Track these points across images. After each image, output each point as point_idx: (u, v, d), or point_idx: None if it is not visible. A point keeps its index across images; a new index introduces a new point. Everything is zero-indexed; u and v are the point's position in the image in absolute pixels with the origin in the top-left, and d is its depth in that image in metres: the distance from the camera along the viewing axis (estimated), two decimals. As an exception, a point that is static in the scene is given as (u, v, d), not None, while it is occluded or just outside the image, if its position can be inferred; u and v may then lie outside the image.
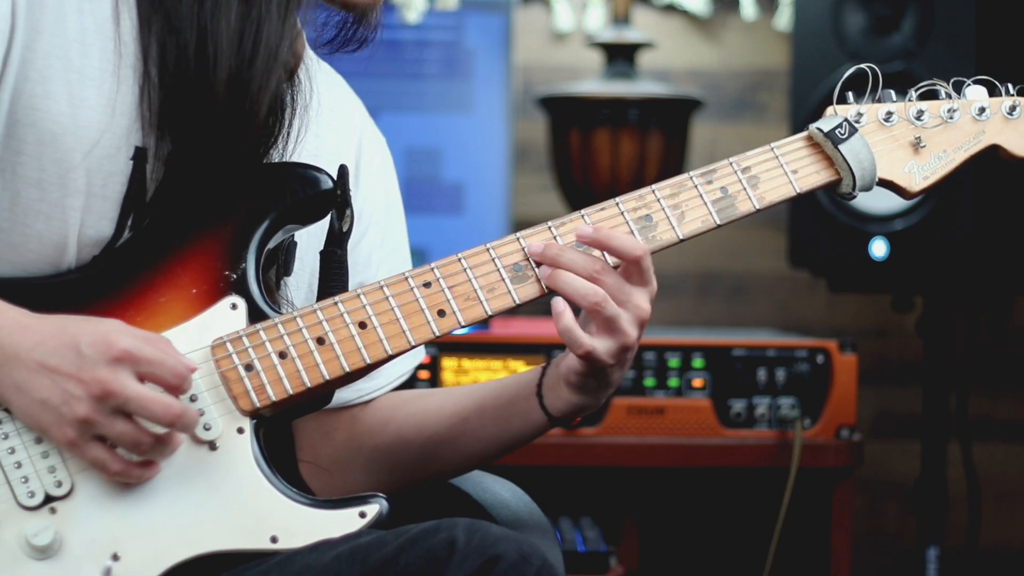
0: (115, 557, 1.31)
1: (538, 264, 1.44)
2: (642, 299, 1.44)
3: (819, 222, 2.67)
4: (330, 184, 1.43)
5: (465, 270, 1.44)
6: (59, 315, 1.30)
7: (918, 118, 1.54)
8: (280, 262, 1.48)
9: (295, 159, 1.45)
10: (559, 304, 1.42)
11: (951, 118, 1.55)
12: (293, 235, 1.49)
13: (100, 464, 1.30)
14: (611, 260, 1.45)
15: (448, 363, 2.45)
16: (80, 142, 1.36)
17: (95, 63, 1.37)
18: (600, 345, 1.42)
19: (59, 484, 1.32)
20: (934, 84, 1.55)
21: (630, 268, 1.44)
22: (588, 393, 1.49)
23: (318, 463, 1.65)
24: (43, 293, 1.36)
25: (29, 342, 1.27)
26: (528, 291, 1.45)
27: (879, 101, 1.54)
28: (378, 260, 1.64)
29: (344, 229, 1.48)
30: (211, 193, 1.40)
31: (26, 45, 1.35)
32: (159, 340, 1.31)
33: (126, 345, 1.27)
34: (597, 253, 1.45)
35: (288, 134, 1.44)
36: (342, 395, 1.62)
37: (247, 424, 1.36)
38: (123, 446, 1.29)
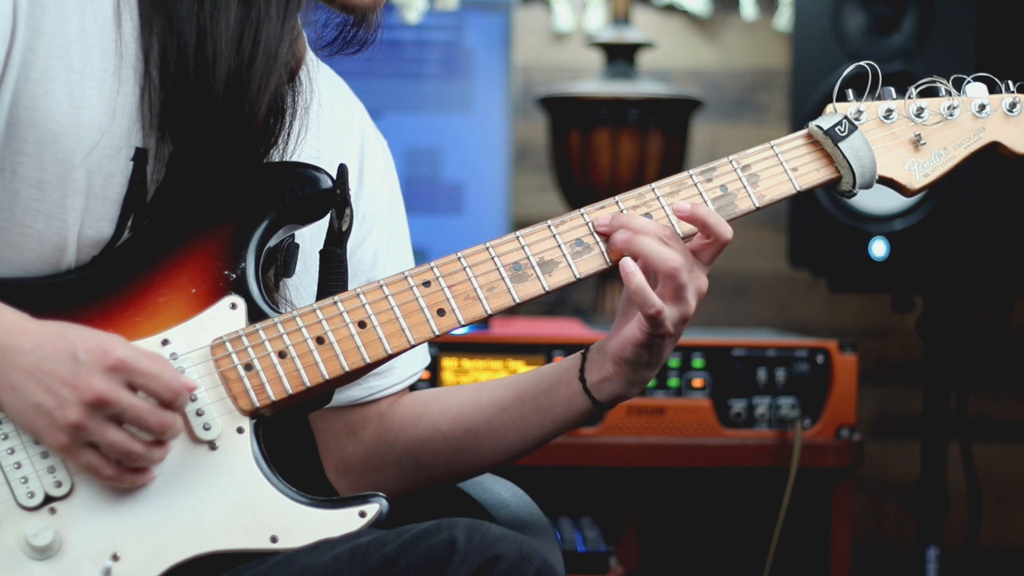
0: (115, 557, 1.31)
1: (604, 236, 1.46)
2: (703, 274, 1.47)
3: (819, 222, 2.66)
4: (329, 183, 1.43)
5: (465, 269, 1.43)
6: (61, 322, 1.30)
7: (918, 115, 1.54)
8: (279, 263, 1.48)
9: (296, 160, 1.45)
10: (630, 264, 1.44)
11: (951, 115, 1.54)
12: (294, 236, 1.49)
13: (93, 469, 1.29)
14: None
15: (448, 363, 2.45)
16: (81, 143, 1.36)
17: (96, 64, 1.37)
18: (667, 310, 1.44)
19: (59, 484, 1.32)
20: (934, 81, 1.55)
21: (709, 247, 1.46)
22: (637, 369, 1.49)
23: (345, 463, 1.65)
24: (42, 294, 1.36)
25: (28, 345, 1.27)
26: (528, 290, 1.44)
27: (879, 99, 1.54)
28: (385, 259, 1.64)
29: (343, 228, 1.47)
30: (211, 193, 1.39)
31: (27, 46, 1.35)
32: (158, 357, 1.31)
33: (122, 354, 1.27)
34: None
35: (288, 135, 1.44)
36: (352, 392, 1.62)
37: (247, 424, 1.36)
38: (113, 454, 1.29)
